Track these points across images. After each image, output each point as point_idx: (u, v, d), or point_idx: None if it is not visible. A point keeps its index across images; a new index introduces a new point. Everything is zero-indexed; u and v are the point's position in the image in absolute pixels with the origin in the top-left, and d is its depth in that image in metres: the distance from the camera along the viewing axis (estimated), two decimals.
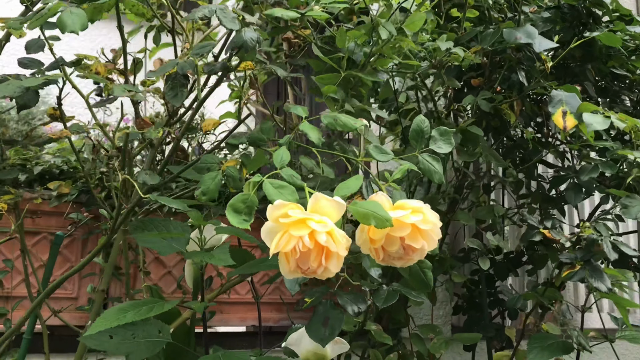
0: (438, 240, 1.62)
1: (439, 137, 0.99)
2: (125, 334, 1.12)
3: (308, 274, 0.78)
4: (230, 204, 0.79)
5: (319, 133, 0.90)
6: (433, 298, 1.68)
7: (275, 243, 0.75)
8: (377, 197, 0.84)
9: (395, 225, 0.81)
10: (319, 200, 0.78)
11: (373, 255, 0.85)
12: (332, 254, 0.76)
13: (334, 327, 1.01)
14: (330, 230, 0.75)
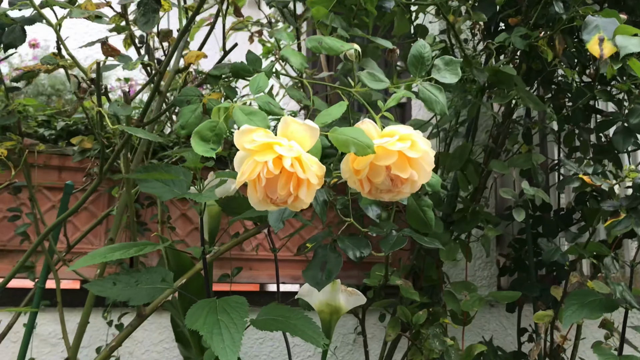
0: (471, 188, 1.54)
1: (443, 66, 0.90)
2: (129, 280, 1.10)
3: (279, 204, 0.71)
4: (197, 131, 0.73)
5: (303, 58, 0.83)
6: (467, 254, 1.57)
7: (241, 170, 0.69)
8: (363, 124, 0.76)
9: (380, 153, 0.74)
10: (288, 125, 0.71)
11: (359, 187, 0.77)
12: (302, 182, 0.69)
13: (330, 271, 0.95)
14: (297, 156, 0.68)
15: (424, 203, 0.87)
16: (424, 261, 1.59)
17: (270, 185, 0.70)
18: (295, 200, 0.70)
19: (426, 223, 0.87)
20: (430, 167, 0.76)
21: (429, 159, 0.75)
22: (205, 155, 0.72)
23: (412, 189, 0.77)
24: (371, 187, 0.77)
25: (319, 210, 0.87)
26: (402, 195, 0.78)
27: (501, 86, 1.39)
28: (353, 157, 0.76)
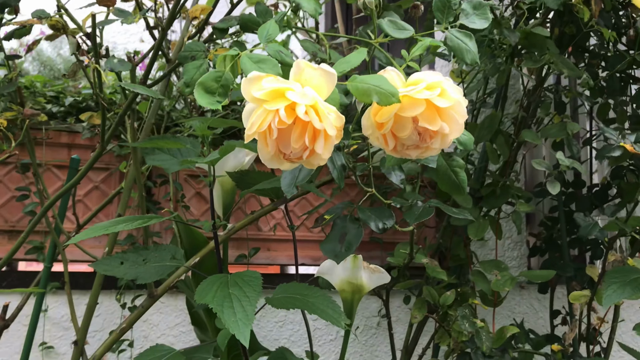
0: (502, 161, 1.45)
1: (471, 10, 0.81)
2: (137, 259, 1.04)
3: (293, 160, 0.64)
4: (200, 82, 0.66)
5: (317, 4, 0.75)
6: (497, 231, 1.49)
7: (250, 122, 0.62)
8: (386, 72, 0.68)
9: (405, 102, 0.66)
10: (302, 70, 0.63)
11: (382, 144, 0.70)
12: (319, 133, 0.61)
13: (350, 243, 0.87)
14: (313, 103, 0.60)
15: (455, 163, 0.79)
16: (450, 239, 1.50)
17: (283, 138, 0.62)
18: (311, 155, 0.63)
19: (458, 185, 0.79)
20: (463, 118, 0.68)
21: (460, 110, 0.67)
22: (210, 107, 0.64)
23: (443, 144, 0.69)
24: (396, 142, 0.69)
25: (336, 175, 0.79)
26: (432, 152, 0.70)
27: (533, 50, 1.30)
28: (375, 109, 0.68)
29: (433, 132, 0.67)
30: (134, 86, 0.70)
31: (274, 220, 1.64)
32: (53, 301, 1.48)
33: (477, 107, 1.54)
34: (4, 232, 1.43)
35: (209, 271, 1.23)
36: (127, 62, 0.77)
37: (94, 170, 1.49)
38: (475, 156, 1.68)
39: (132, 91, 0.70)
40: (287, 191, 0.79)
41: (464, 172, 0.79)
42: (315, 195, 1.70)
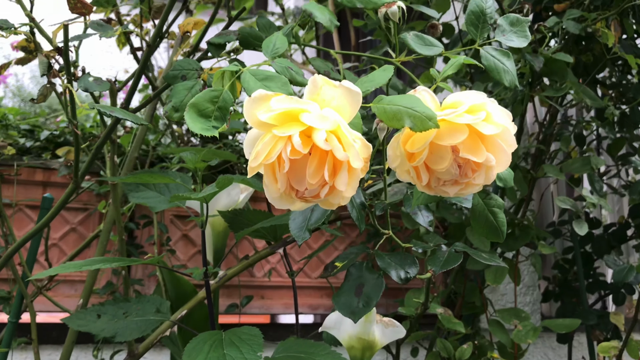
0: (518, 198, 1.33)
1: (508, 27, 0.70)
2: (117, 312, 0.91)
3: (308, 199, 0.51)
4: (193, 104, 0.54)
5: (331, 14, 0.63)
6: (516, 276, 1.36)
7: (254, 151, 0.49)
8: (417, 92, 0.56)
9: (444, 128, 0.54)
10: (319, 87, 0.51)
11: (414, 178, 0.57)
12: (341, 165, 0.49)
13: (370, 297, 0.73)
14: (334, 128, 0.48)
15: (494, 202, 0.66)
16: (464, 285, 1.37)
17: (296, 171, 0.50)
18: (331, 193, 0.50)
19: (497, 229, 0.67)
20: (511, 148, 0.56)
21: (509, 138, 0.55)
22: (204, 134, 0.52)
23: (487, 179, 0.57)
24: (431, 177, 0.57)
25: (355, 215, 0.67)
26: (473, 189, 0.57)
27: (553, 77, 1.20)
28: (406, 136, 0.56)
29: (476, 164, 0.55)
30: (112, 109, 0.58)
31: (269, 265, 1.50)
32: (22, 358, 1.32)
33: None
34: None
35: (198, 325, 1.09)
36: (105, 81, 0.65)
37: (71, 210, 1.36)
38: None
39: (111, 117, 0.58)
40: (298, 236, 0.66)
41: (503, 213, 0.67)
42: (314, 237, 1.57)
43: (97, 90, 0.64)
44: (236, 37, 0.68)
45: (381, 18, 0.68)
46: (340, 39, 1.70)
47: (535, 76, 1.19)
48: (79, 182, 0.77)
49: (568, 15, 1.18)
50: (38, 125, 1.38)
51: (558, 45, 1.20)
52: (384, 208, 0.75)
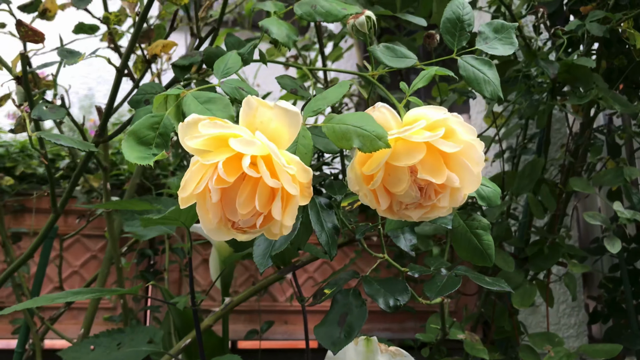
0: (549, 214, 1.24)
1: (492, 34, 0.65)
2: (110, 343, 0.89)
3: (245, 230, 0.47)
4: (132, 131, 0.51)
5: (291, 29, 0.60)
6: (547, 297, 1.27)
7: (183, 182, 0.46)
8: (375, 111, 0.52)
9: (399, 147, 0.49)
10: (255, 109, 0.47)
11: (373, 203, 0.52)
12: (274, 193, 0.45)
13: (352, 327, 0.68)
14: (263, 153, 0.44)
15: (477, 224, 0.61)
16: (493, 308, 1.29)
17: (230, 201, 0.46)
18: (267, 222, 0.46)
19: (482, 252, 0.61)
20: (479, 167, 0.50)
21: (474, 155, 0.50)
22: (141, 163, 0.49)
23: (454, 202, 0.51)
24: (391, 200, 0.52)
25: (324, 239, 0.62)
26: (439, 212, 0.52)
27: (576, 85, 1.12)
28: (361, 158, 0.51)
29: (440, 185, 0.50)
30: (58, 137, 0.56)
31: (292, 289, 1.46)
32: None
33: (518, 154, 1.35)
34: None
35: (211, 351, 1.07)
36: (60, 108, 0.63)
37: (91, 238, 1.37)
38: (519, 210, 1.48)
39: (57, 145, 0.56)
40: (261, 264, 0.62)
41: (489, 234, 0.61)
42: (339, 257, 1.52)
43: (51, 118, 0.62)
44: (201, 58, 0.66)
45: (350, 30, 0.65)
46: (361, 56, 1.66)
47: (557, 85, 1.11)
48: (59, 211, 0.76)
49: (591, 17, 1.10)
50: (59, 153, 1.40)
51: (582, 50, 1.12)
52: (366, 230, 0.70)
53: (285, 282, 1.45)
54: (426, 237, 1.19)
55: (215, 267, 1.10)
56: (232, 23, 2.07)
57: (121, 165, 1.39)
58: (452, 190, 0.50)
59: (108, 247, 0.98)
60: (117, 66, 0.71)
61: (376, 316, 1.51)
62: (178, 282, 1.38)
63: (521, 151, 1.35)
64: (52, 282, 1.32)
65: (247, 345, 1.42)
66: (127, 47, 0.68)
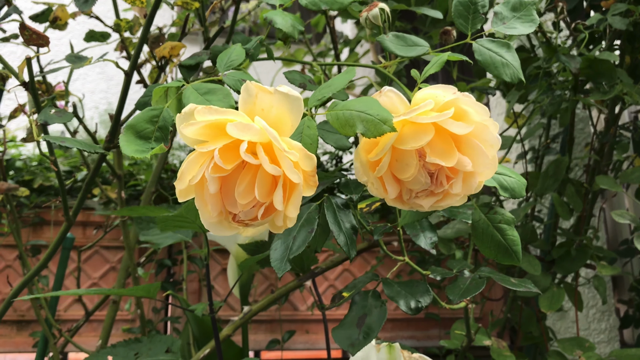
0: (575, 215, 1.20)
1: (510, 13, 0.62)
2: (128, 353, 0.87)
3: (246, 223, 0.45)
4: (130, 125, 0.49)
5: (296, 20, 0.58)
6: (577, 301, 1.22)
7: (179, 172, 0.44)
8: (381, 95, 0.50)
9: (406, 131, 0.47)
10: (255, 96, 0.45)
11: (381, 192, 0.50)
12: (275, 181, 0.43)
13: (371, 328, 0.66)
14: (262, 139, 0.42)
15: (499, 218, 0.57)
16: (520, 313, 1.24)
17: (228, 192, 0.44)
18: (269, 213, 0.44)
19: (507, 249, 0.57)
20: (493, 149, 0.48)
21: (488, 136, 0.47)
22: (138, 157, 0.47)
23: (468, 188, 0.48)
24: (400, 188, 0.49)
25: (342, 240, 0.60)
26: (452, 200, 0.49)
27: (599, 80, 1.08)
28: (366, 144, 0.49)
29: (451, 170, 0.47)
30: (63, 139, 0.55)
31: (313, 297, 1.43)
32: None
33: (541, 154, 1.31)
34: (13, 322, 1.30)
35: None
36: (68, 113, 0.62)
37: (110, 249, 1.36)
38: (544, 212, 1.44)
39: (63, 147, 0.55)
40: (279, 268, 0.60)
41: (513, 229, 0.58)
42: (360, 265, 1.49)
43: (58, 122, 0.61)
44: (208, 57, 0.64)
45: (364, 23, 0.63)
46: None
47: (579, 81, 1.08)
48: (72, 220, 0.75)
49: (613, 10, 1.07)
50: (77, 165, 1.40)
51: (604, 45, 1.08)
52: (384, 231, 0.68)
53: (306, 291, 1.43)
54: (448, 241, 1.15)
55: (233, 275, 1.08)
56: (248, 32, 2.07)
57: (138, 176, 1.39)
58: (465, 176, 0.48)
59: (124, 257, 0.96)
60: (126, 70, 0.70)
61: (400, 324, 1.47)
62: (197, 293, 1.36)
63: (544, 151, 1.31)
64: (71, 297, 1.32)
65: (270, 356, 1.40)
66: (136, 49, 0.67)
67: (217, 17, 1.04)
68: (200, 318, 1.08)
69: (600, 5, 1.20)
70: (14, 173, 1.35)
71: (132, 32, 0.97)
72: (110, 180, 1.40)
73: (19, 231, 0.97)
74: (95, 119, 2.45)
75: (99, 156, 0.73)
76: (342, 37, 1.57)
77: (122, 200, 0.89)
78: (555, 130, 1.36)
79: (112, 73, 2.79)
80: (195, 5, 0.88)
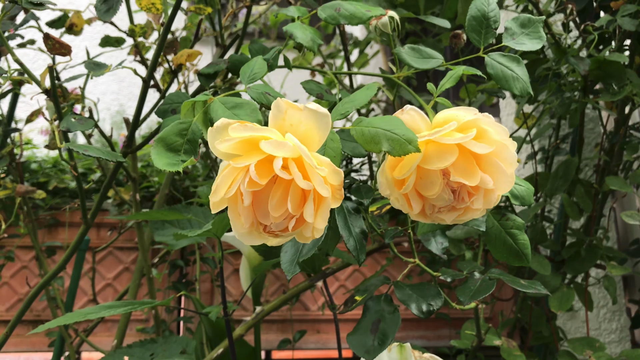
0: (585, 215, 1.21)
1: (518, 29, 0.64)
2: (144, 354, 0.89)
3: (277, 233, 0.47)
4: (161, 138, 0.51)
5: (315, 34, 0.59)
6: (587, 301, 1.23)
7: (214, 186, 0.46)
8: (404, 113, 0.51)
9: (431, 151, 0.48)
10: (284, 112, 0.47)
11: (405, 207, 0.51)
12: (307, 195, 0.44)
13: (385, 334, 0.67)
14: (295, 155, 0.44)
15: (512, 223, 0.59)
16: (530, 313, 1.26)
17: (261, 204, 0.46)
18: (299, 225, 0.46)
19: (518, 252, 0.59)
20: (512, 167, 0.49)
21: (507, 156, 0.49)
22: (170, 169, 0.49)
23: (488, 203, 0.50)
24: (424, 204, 0.51)
25: (352, 245, 0.61)
26: (473, 214, 0.51)
27: (609, 81, 1.09)
28: (392, 162, 0.50)
29: (472, 188, 0.49)
30: (87, 148, 0.56)
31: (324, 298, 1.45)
32: None
33: (550, 155, 1.33)
34: (29, 322, 1.32)
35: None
36: (88, 119, 0.64)
37: (124, 250, 1.37)
38: (554, 211, 1.45)
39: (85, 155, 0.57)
40: (288, 270, 0.61)
41: (524, 234, 0.59)
42: (371, 265, 1.51)
43: (79, 129, 0.63)
44: (226, 65, 0.66)
45: (374, 31, 0.64)
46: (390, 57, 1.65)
47: (589, 82, 1.09)
48: (89, 223, 0.77)
49: (622, 11, 1.08)
50: (91, 167, 1.42)
51: (614, 46, 1.09)
52: (396, 234, 0.69)
53: (317, 291, 1.45)
54: (458, 241, 1.17)
55: (245, 276, 1.09)
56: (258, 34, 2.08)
57: (151, 177, 1.41)
58: (485, 192, 0.49)
59: (139, 258, 0.98)
60: (143, 77, 0.72)
61: (410, 324, 1.49)
62: (210, 292, 1.38)
63: (554, 152, 1.32)
64: (86, 295, 1.34)
65: (281, 355, 1.42)
66: (153, 57, 0.69)
67: (229, 22, 1.06)
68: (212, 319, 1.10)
69: (610, 6, 1.21)
70: (29, 175, 1.37)
71: (145, 37, 0.98)
72: (123, 182, 1.41)
73: (35, 232, 0.99)
74: (107, 120, 2.47)
75: (115, 164, 0.74)
76: (351, 38, 1.58)
77: (137, 202, 0.90)
78: (565, 130, 1.37)
79: (123, 75, 2.81)
80: (207, 11, 0.89)
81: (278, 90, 1.55)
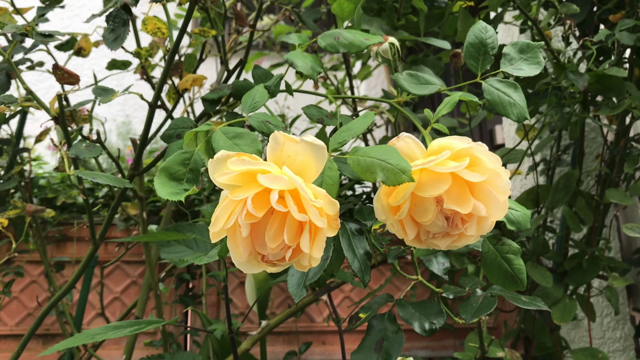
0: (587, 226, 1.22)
1: (516, 54, 0.65)
2: None
3: (275, 263, 0.48)
4: (164, 167, 0.53)
5: (315, 61, 0.61)
6: (589, 311, 1.24)
7: (214, 217, 0.47)
8: (399, 140, 0.53)
9: (425, 179, 0.50)
10: (281, 144, 0.48)
11: (400, 232, 0.53)
12: (302, 226, 0.46)
13: (389, 353, 0.69)
14: (290, 188, 0.45)
15: (507, 249, 0.60)
16: (533, 324, 1.27)
17: (259, 235, 0.47)
18: (296, 255, 0.47)
19: (513, 276, 0.60)
20: (505, 195, 0.50)
21: (500, 184, 0.50)
22: (172, 199, 0.51)
23: (481, 230, 0.51)
24: (418, 230, 0.52)
25: (357, 267, 0.63)
26: (467, 240, 0.52)
27: (608, 95, 1.10)
28: (387, 189, 0.52)
29: (465, 215, 0.50)
30: (95, 175, 0.58)
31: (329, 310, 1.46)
32: None
33: (552, 167, 1.34)
34: (39, 336, 1.34)
35: None
36: (96, 146, 0.66)
37: (131, 264, 1.39)
38: (556, 222, 1.46)
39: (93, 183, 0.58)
40: (295, 294, 0.63)
41: (519, 258, 0.61)
42: (375, 276, 1.52)
43: (88, 156, 0.65)
44: (229, 91, 0.68)
45: (374, 56, 0.66)
46: (390, 80, 1.66)
47: (589, 96, 1.10)
48: (98, 243, 0.79)
49: (620, 25, 1.09)
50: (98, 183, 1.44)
51: (613, 59, 1.10)
52: (398, 253, 0.71)
53: (322, 303, 1.46)
54: (460, 255, 1.18)
55: (251, 292, 1.11)
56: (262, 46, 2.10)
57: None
58: (479, 219, 0.51)
59: (146, 274, 1.00)
60: (150, 101, 0.74)
61: (415, 335, 1.50)
62: (216, 305, 1.40)
63: (555, 163, 1.33)
64: (95, 309, 1.36)
65: None
66: (159, 84, 0.71)
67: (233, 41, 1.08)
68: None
69: (609, 19, 1.22)
70: (37, 191, 1.40)
71: (151, 56, 1.00)
72: (130, 198, 1.43)
73: (44, 249, 1.01)
74: (113, 132, 2.50)
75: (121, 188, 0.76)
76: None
77: (143, 221, 0.92)
78: (566, 141, 1.38)
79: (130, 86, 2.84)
80: (212, 33, 0.91)
81: (281, 103, 1.57)
